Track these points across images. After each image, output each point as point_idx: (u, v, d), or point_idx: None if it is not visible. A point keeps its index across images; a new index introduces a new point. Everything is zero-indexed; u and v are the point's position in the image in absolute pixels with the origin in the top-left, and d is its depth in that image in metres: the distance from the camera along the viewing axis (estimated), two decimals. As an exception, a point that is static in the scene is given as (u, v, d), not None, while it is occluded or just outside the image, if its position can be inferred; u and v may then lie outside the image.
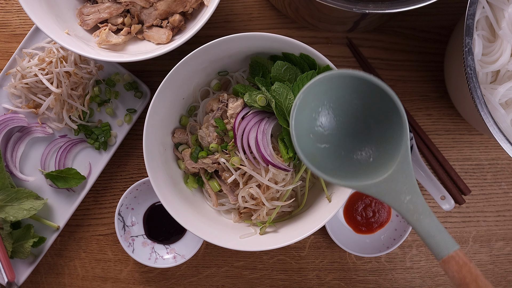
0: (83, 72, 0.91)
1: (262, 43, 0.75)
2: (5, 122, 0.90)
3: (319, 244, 0.96)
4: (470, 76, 0.67)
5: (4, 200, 0.87)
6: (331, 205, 0.75)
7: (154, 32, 0.85)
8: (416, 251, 0.96)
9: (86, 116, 0.92)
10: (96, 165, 0.92)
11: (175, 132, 0.83)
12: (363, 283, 0.96)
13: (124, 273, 0.96)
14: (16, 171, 0.92)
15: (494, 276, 0.96)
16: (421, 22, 0.95)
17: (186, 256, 0.90)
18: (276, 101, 0.73)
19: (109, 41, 0.83)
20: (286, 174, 0.78)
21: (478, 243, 0.96)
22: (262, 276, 0.96)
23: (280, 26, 0.96)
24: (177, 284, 0.96)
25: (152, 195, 0.92)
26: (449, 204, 0.92)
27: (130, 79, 0.92)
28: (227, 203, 0.83)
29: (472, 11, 0.68)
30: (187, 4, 0.84)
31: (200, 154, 0.80)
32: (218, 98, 0.80)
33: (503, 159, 0.96)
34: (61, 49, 0.90)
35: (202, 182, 0.83)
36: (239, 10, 0.96)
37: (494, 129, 0.67)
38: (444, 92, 0.95)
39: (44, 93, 0.91)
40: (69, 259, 0.96)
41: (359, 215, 0.93)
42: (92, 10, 0.85)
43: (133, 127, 0.93)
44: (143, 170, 0.96)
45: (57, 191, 0.92)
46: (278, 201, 0.78)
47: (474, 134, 0.96)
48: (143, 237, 0.93)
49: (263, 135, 0.75)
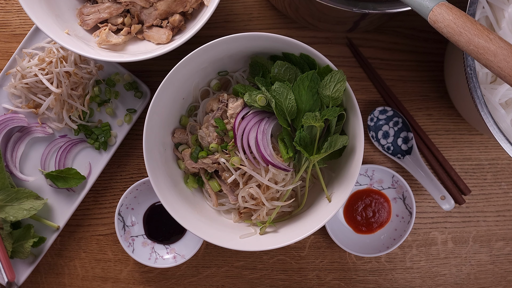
0: (83, 72, 0.91)
1: (262, 43, 0.75)
2: (5, 122, 0.90)
3: (319, 244, 0.96)
4: (470, 76, 0.67)
5: (4, 200, 0.87)
6: (331, 205, 0.75)
7: (154, 32, 0.85)
8: (416, 251, 0.96)
9: (86, 116, 0.92)
10: (96, 165, 0.92)
11: (175, 132, 0.84)
12: (363, 283, 0.96)
13: (124, 273, 0.96)
14: (16, 171, 0.92)
15: (494, 276, 0.96)
16: (421, 22, 0.95)
17: (186, 256, 0.90)
18: (276, 101, 0.73)
19: (109, 41, 0.83)
20: (286, 174, 0.78)
21: (478, 243, 0.96)
22: (262, 276, 0.96)
23: (280, 26, 0.96)
24: (177, 284, 0.96)
25: (152, 195, 0.92)
26: (449, 204, 0.92)
27: (130, 79, 0.92)
28: (227, 203, 0.83)
29: (472, 11, 0.68)
30: (187, 4, 0.84)
31: (200, 154, 0.80)
32: (218, 98, 0.80)
33: (503, 159, 0.96)
34: (61, 49, 0.90)
35: (202, 182, 0.84)
36: (239, 10, 0.96)
37: (494, 129, 0.68)
38: (444, 92, 0.95)
39: (44, 93, 0.91)
40: (69, 259, 0.96)
41: (359, 215, 0.93)
42: (92, 10, 0.85)
43: (133, 127, 0.93)
44: (143, 170, 0.96)
45: (57, 191, 0.92)
46: (278, 201, 0.78)
47: (474, 134, 0.96)
48: (143, 237, 0.93)
49: (263, 135, 0.75)
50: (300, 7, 0.85)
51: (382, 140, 0.94)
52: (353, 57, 0.96)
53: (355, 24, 0.86)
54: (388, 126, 0.94)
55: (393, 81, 0.95)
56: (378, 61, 0.95)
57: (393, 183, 0.92)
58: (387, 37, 0.95)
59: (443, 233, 0.96)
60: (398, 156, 0.94)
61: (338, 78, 0.71)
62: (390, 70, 0.95)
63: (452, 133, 0.96)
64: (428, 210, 0.96)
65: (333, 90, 0.72)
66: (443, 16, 0.50)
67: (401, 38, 0.95)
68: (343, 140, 0.74)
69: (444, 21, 0.51)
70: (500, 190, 0.96)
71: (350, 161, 0.76)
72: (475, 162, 0.96)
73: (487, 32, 0.49)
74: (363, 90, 0.96)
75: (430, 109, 0.96)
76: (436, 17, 0.51)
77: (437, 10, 0.51)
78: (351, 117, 0.75)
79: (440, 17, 0.51)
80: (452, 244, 0.96)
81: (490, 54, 0.49)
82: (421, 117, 0.96)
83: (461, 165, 0.96)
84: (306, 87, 0.73)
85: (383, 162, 0.95)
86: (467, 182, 0.95)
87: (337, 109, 0.73)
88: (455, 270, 0.96)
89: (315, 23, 0.91)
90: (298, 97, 0.74)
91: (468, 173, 0.96)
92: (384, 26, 0.95)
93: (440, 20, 0.51)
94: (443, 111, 0.96)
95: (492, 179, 0.96)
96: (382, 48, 0.95)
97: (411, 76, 0.95)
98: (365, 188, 0.94)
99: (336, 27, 0.92)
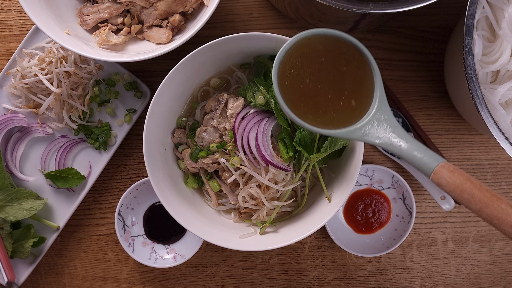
0: (83, 72, 0.91)
1: (262, 43, 0.75)
2: (5, 122, 0.90)
3: (319, 244, 0.96)
4: (470, 76, 0.67)
5: (4, 200, 0.87)
6: (331, 205, 0.75)
7: (154, 32, 0.85)
8: (416, 251, 0.96)
9: (86, 116, 0.92)
10: (96, 165, 0.92)
11: (175, 132, 0.83)
12: (363, 283, 0.96)
13: (124, 273, 0.96)
14: (16, 171, 0.92)
15: (494, 276, 0.96)
16: (421, 22, 0.95)
17: (186, 256, 0.90)
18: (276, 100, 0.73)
19: (109, 41, 0.83)
20: (286, 174, 0.78)
21: (478, 243, 0.96)
22: (262, 276, 0.96)
23: (280, 26, 0.96)
24: (177, 284, 0.96)
25: (152, 195, 0.92)
26: (449, 204, 0.92)
27: (130, 79, 0.92)
28: (227, 203, 0.83)
29: (472, 11, 0.68)
30: (187, 4, 0.84)
31: (200, 154, 0.80)
32: (217, 98, 0.80)
33: (503, 159, 0.96)
34: (61, 49, 0.90)
35: (202, 182, 0.83)
36: (239, 10, 0.96)
37: (494, 129, 0.67)
38: (444, 92, 0.95)
39: (44, 93, 0.91)
40: (69, 259, 0.96)
41: (359, 215, 0.93)
42: (92, 10, 0.85)
43: (133, 127, 0.93)
44: (143, 170, 0.96)
45: (57, 191, 0.92)
46: (278, 201, 0.78)
47: (474, 134, 0.96)
48: (143, 237, 0.93)
49: (263, 135, 0.75)
50: (300, 7, 0.85)
51: (382, 140, 0.94)
52: (353, 57, 0.96)
53: (355, 24, 0.86)
54: (388, 126, 0.94)
55: (393, 81, 0.95)
56: (378, 61, 0.95)
57: (393, 183, 0.92)
58: (387, 37, 0.95)
59: (443, 233, 0.96)
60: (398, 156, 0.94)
61: None
62: (390, 70, 0.95)
63: (452, 133, 0.96)
64: (428, 210, 0.96)
65: None
66: (445, 177, 0.53)
67: (401, 38, 0.95)
68: (343, 140, 0.74)
69: (446, 182, 0.53)
70: (500, 190, 0.96)
71: (350, 161, 0.76)
72: (475, 162, 0.96)
73: (486, 191, 0.51)
74: (363, 90, 0.96)
75: (430, 109, 0.96)
76: (439, 180, 0.54)
77: (439, 170, 0.53)
78: None
79: (443, 180, 0.53)
80: (452, 244, 0.96)
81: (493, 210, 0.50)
82: (421, 117, 0.96)
83: (461, 165, 0.96)
84: (306, 87, 0.73)
85: (383, 162, 0.95)
86: (467, 182, 0.95)
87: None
88: (455, 270, 0.96)
89: (315, 23, 0.91)
90: (298, 97, 0.74)
91: (468, 173, 0.96)
92: (384, 26, 0.95)
93: (443, 182, 0.53)
94: (443, 111, 0.96)
95: (492, 179, 0.96)
96: (382, 48, 0.95)
97: (411, 76, 0.95)
98: (365, 188, 0.94)
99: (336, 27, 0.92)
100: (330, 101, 0.59)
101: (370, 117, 0.58)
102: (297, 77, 0.58)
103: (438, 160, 0.54)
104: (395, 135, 0.57)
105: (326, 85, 0.59)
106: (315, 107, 0.59)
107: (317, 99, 0.59)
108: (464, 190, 0.51)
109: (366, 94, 0.59)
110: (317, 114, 0.59)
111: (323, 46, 0.58)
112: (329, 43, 0.58)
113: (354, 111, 0.59)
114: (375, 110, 0.58)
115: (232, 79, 0.84)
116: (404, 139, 0.56)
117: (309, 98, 0.59)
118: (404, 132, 0.57)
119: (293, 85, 0.58)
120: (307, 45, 0.58)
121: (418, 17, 0.95)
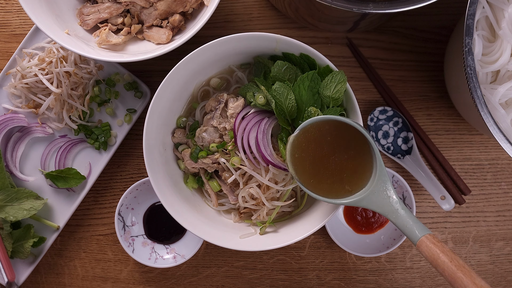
0: (83, 72, 0.91)
1: (262, 43, 0.75)
2: (5, 122, 0.90)
3: (319, 244, 0.96)
4: (470, 76, 0.67)
5: (4, 200, 0.87)
6: (331, 205, 0.75)
7: (154, 32, 0.85)
8: (416, 251, 0.96)
9: (86, 116, 0.92)
10: (96, 165, 0.92)
11: (175, 132, 0.83)
12: (363, 283, 0.96)
13: (124, 273, 0.96)
14: (16, 171, 0.92)
15: (494, 276, 0.96)
16: (421, 22, 0.95)
17: (186, 256, 0.90)
18: (277, 100, 0.73)
19: (109, 41, 0.83)
20: (286, 174, 0.78)
21: (478, 243, 0.96)
22: (262, 276, 0.96)
23: (280, 26, 0.96)
24: (177, 284, 0.96)
25: (152, 195, 0.92)
26: (449, 204, 0.92)
27: (130, 79, 0.92)
28: (227, 203, 0.83)
29: (472, 11, 0.68)
30: (187, 4, 0.84)
31: (200, 154, 0.80)
32: (217, 98, 0.80)
33: (503, 159, 0.96)
34: (61, 49, 0.90)
35: (202, 182, 0.83)
36: (239, 10, 0.96)
37: (494, 129, 0.67)
38: (444, 92, 0.95)
39: (44, 93, 0.91)
40: (69, 259, 0.96)
41: (359, 215, 0.93)
42: (92, 10, 0.85)
43: (133, 127, 0.93)
44: (143, 170, 0.96)
45: (57, 191, 0.92)
46: (278, 201, 0.78)
47: (474, 134, 0.96)
48: (143, 237, 0.93)
49: (263, 135, 0.75)
50: (300, 7, 0.85)
51: (382, 140, 0.94)
52: (353, 57, 0.96)
53: (355, 24, 0.86)
54: (388, 126, 0.94)
55: (393, 81, 0.95)
56: (378, 61, 0.95)
57: (393, 183, 0.92)
58: (387, 37, 0.95)
59: (443, 233, 0.96)
60: (398, 156, 0.94)
61: (339, 79, 0.72)
62: (390, 70, 0.95)
63: (452, 133, 0.96)
64: (428, 210, 0.96)
65: (334, 91, 0.72)
66: (427, 246, 0.61)
67: (401, 38, 0.95)
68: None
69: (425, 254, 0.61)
70: (500, 190, 0.96)
71: (350, 161, 0.76)
72: (475, 162, 0.96)
73: (456, 266, 0.58)
74: (363, 90, 0.96)
75: (430, 109, 0.96)
76: (421, 249, 0.62)
77: (422, 240, 0.61)
78: (351, 117, 0.75)
79: (424, 251, 0.61)
80: (452, 244, 0.96)
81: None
82: (421, 117, 0.96)
83: (461, 165, 0.96)
84: (307, 87, 0.74)
85: (383, 162, 0.95)
86: (467, 182, 0.95)
87: (337, 109, 0.73)
88: (455, 270, 0.96)
89: (315, 23, 0.91)
90: (298, 97, 0.74)
91: (468, 173, 0.96)
92: (384, 26, 0.95)
93: (424, 253, 0.61)
94: (443, 111, 0.96)
95: (492, 179, 0.96)
96: (382, 48, 0.95)
97: (411, 76, 0.95)
98: (365, 188, 0.94)
99: (336, 27, 0.92)
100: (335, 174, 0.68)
101: (372, 188, 0.65)
102: (307, 153, 0.68)
103: (424, 232, 0.61)
104: (392, 205, 0.65)
105: (332, 162, 0.68)
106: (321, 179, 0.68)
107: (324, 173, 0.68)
108: (438, 265, 0.59)
109: (367, 168, 0.67)
110: (323, 184, 0.68)
111: (329, 126, 0.67)
112: (333, 124, 0.67)
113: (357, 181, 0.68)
114: (376, 181, 0.66)
115: (232, 79, 0.84)
116: (401, 208, 0.64)
117: (317, 171, 0.68)
118: (400, 202, 0.65)
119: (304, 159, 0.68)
120: (317, 127, 0.68)
121: (418, 17, 0.95)
